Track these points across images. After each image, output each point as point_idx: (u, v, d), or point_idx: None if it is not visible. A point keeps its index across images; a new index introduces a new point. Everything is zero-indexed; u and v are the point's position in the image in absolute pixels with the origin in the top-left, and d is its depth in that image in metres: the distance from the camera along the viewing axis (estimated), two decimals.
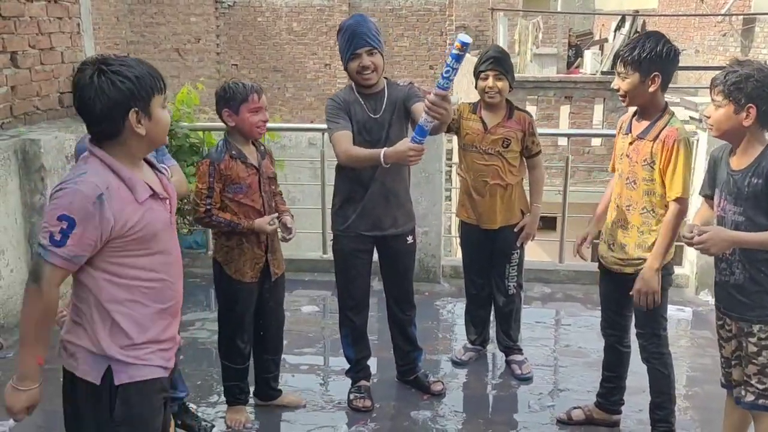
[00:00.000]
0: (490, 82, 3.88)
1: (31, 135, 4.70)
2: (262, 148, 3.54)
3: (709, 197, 3.03)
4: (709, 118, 2.90)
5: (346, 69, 3.58)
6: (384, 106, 3.57)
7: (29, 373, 2.17)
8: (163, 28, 18.80)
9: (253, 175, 3.42)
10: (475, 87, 4.00)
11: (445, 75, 2.95)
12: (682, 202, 3.11)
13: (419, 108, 3.39)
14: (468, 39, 2.92)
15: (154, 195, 2.21)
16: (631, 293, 3.22)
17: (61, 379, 2.23)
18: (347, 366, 3.96)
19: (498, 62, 3.88)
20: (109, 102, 2.11)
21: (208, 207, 3.35)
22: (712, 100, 2.86)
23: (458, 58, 2.89)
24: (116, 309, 2.16)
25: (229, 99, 3.32)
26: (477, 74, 3.95)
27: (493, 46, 4.12)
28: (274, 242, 3.57)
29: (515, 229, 4.05)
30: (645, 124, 3.17)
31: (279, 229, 3.55)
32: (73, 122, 5.32)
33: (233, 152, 3.38)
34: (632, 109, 3.27)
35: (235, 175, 3.36)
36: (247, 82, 3.41)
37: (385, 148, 3.32)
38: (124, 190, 2.13)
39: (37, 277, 2.11)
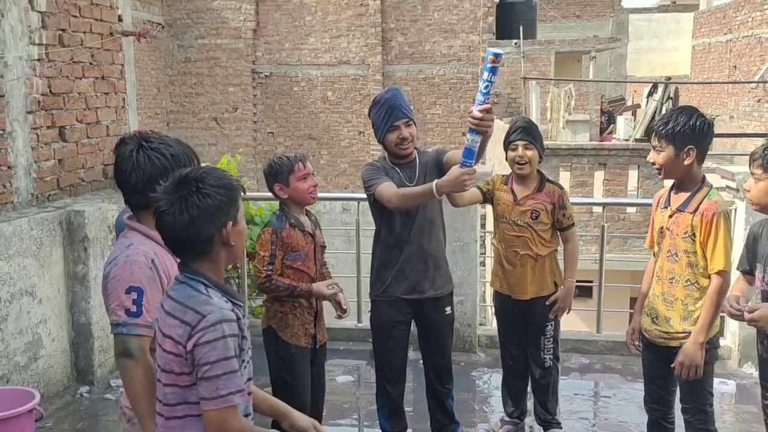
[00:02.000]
0: (519, 151, 3.91)
1: (76, 206, 4.84)
2: (314, 217, 3.66)
3: (747, 272, 3.01)
4: (748, 191, 2.90)
5: (381, 141, 3.67)
6: (417, 173, 3.65)
7: None
8: (202, 98, 19.35)
9: (309, 243, 3.53)
10: (506, 159, 4.04)
11: (483, 90, 3.02)
12: (725, 274, 3.08)
13: (452, 153, 3.55)
14: (500, 50, 2.99)
15: None
16: (672, 365, 3.17)
17: None
18: None
19: (526, 132, 3.92)
20: (143, 176, 2.25)
21: (269, 273, 3.42)
22: (752, 173, 2.87)
23: (494, 71, 2.93)
24: None
25: (277, 174, 3.46)
26: (506, 145, 3.99)
27: (521, 118, 4.18)
28: (322, 310, 3.63)
29: (547, 302, 4.03)
30: (684, 196, 3.18)
31: (332, 303, 3.60)
32: (116, 193, 5.46)
33: (292, 221, 3.49)
34: (668, 182, 3.28)
35: (295, 242, 3.47)
36: (289, 153, 3.55)
37: (437, 180, 3.33)
38: (164, 253, 2.26)
39: (129, 353, 2.19)
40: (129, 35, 5.73)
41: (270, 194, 3.60)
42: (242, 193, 2.12)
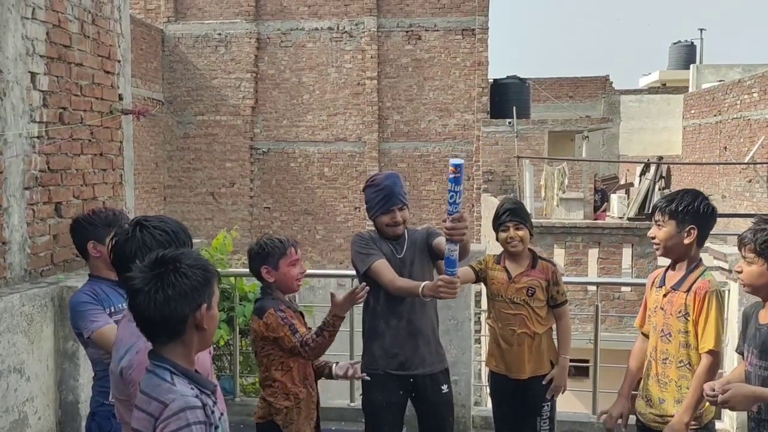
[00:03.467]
0: (511, 232, 3.94)
1: (69, 282, 4.82)
2: (294, 305, 3.60)
3: (743, 354, 3.00)
4: (740, 272, 2.92)
5: (373, 219, 3.74)
6: (406, 247, 3.73)
7: None
8: (199, 173, 19.55)
9: (302, 323, 3.43)
10: (497, 239, 4.07)
11: (450, 201, 3.13)
12: (715, 354, 3.08)
13: (441, 241, 3.61)
14: (459, 161, 3.10)
15: None
16: None
17: None
18: None
19: (515, 213, 3.97)
20: (148, 252, 2.24)
21: (303, 341, 3.21)
22: (743, 257, 2.90)
23: (457, 181, 3.07)
24: None
25: (266, 256, 3.32)
26: (497, 227, 4.03)
27: (508, 199, 4.25)
28: (318, 393, 3.53)
29: (543, 382, 3.99)
30: (679, 275, 3.20)
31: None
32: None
33: (286, 300, 3.40)
34: (663, 262, 3.31)
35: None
36: (281, 236, 3.45)
37: (425, 284, 3.39)
38: None
39: None
40: (128, 113, 5.83)
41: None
42: (218, 279, 2.10)
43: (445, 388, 3.78)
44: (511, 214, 3.96)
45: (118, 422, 2.96)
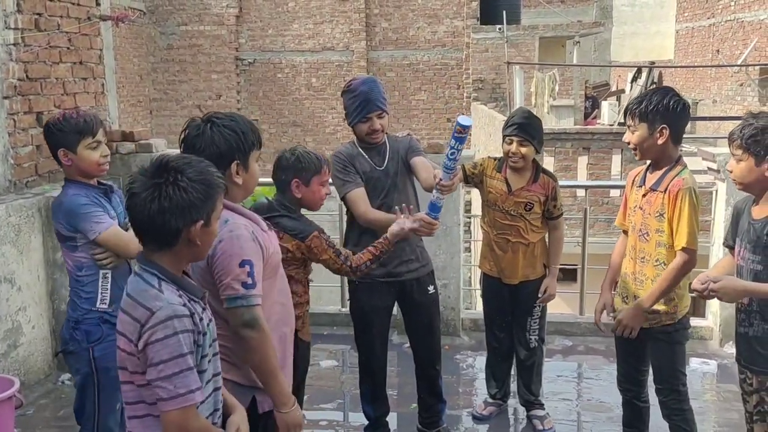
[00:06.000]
0: (513, 147, 3.84)
1: (54, 192, 4.77)
2: None
3: (731, 248, 3.02)
4: (731, 171, 2.91)
5: (352, 126, 3.65)
6: (387, 158, 3.65)
7: (290, 397, 2.44)
8: (185, 85, 19.23)
9: None
10: (502, 146, 3.99)
11: (450, 156, 3.06)
12: (690, 252, 3.08)
13: (419, 162, 3.61)
14: (468, 121, 3.02)
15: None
16: (616, 316, 3.28)
17: None
18: (367, 422, 3.92)
19: (522, 129, 3.83)
20: (217, 152, 2.32)
21: (348, 263, 3.10)
22: (732, 154, 2.88)
23: (461, 140, 3.01)
24: None
25: (301, 169, 3.09)
26: (503, 136, 3.92)
27: (520, 111, 4.06)
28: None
29: (540, 294, 4.03)
30: (657, 175, 3.18)
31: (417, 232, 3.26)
32: None
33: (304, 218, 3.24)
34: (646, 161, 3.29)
35: None
36: (315, 152, 3.21)
37: (394, 227, 3.15)
38: (252, 224, 2.41)
39: (254, 323, 2.30)
40: (106, 19, 5.65)
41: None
42: (222, 192, 2.03)
43: (431, 288, 3.81)
44: (518, 129, 3.83)
45: (109, 329, 3.00)
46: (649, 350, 3.31)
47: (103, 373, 3.07)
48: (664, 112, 3.05)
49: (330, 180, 3.27)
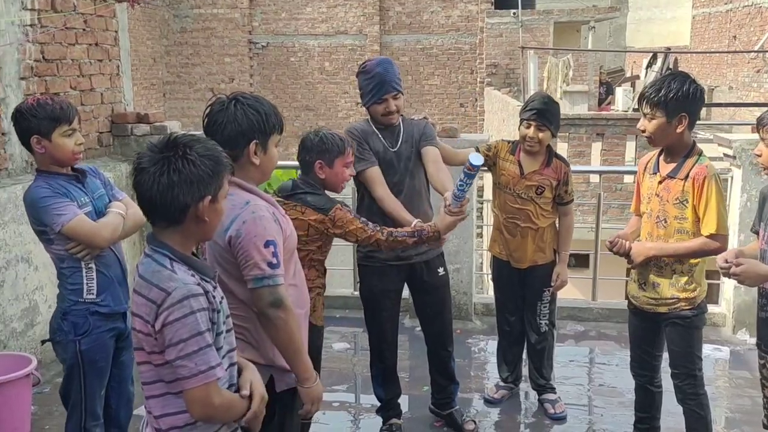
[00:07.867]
0: (531, 132, 3.84)
1: None
2: None
3: (758, 233, 3.01)
4: (760, 156, 2.90)
5: (367, 107, 3.66)
6: (401, 140, 3.65)
7: (313, 372, 2.50)
8: (198, 68, 19.23)
9: None
10: (519, 129, 3.99)
11: (459, 188, 3.11)
12: (718, 238, 3.05)
13: (429, 154, 3.63)
14: (479, 161, 3.09)
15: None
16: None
17: None
18: (378, 404, 3.95)
19: (541, 114, 3.82)
20: (238, 129, 2.37)
21: (378, 228, 3.12)
22: (762, 138, 2.86)
23: (471, 176, 3.10)
24: None
25: (325, 151, 3.12)
26: (521, 120, 3.92)
27: (539, 95, 4.04)
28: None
29: (552, 282, 4.03)
30: (674, 163, 3.14)
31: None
32: (111, 161, 5.45)
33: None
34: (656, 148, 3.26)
35: None
36: (339, 134, 3.24)
37: (428, 225, 3.22)
38: (271, 206, 2.45)
39: (279, 303, 2.34)
40: (122, 1, 5.67)
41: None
42: (230, 171, 2.04)
43: (441, 270, 3.81)
44: (536, 114, 3.82)
45: (97, 320, 3.02)
46: (664, 335, 3.30)
47: (89, 365, 3.04)
48: (684, 99, 3.00)
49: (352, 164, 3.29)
